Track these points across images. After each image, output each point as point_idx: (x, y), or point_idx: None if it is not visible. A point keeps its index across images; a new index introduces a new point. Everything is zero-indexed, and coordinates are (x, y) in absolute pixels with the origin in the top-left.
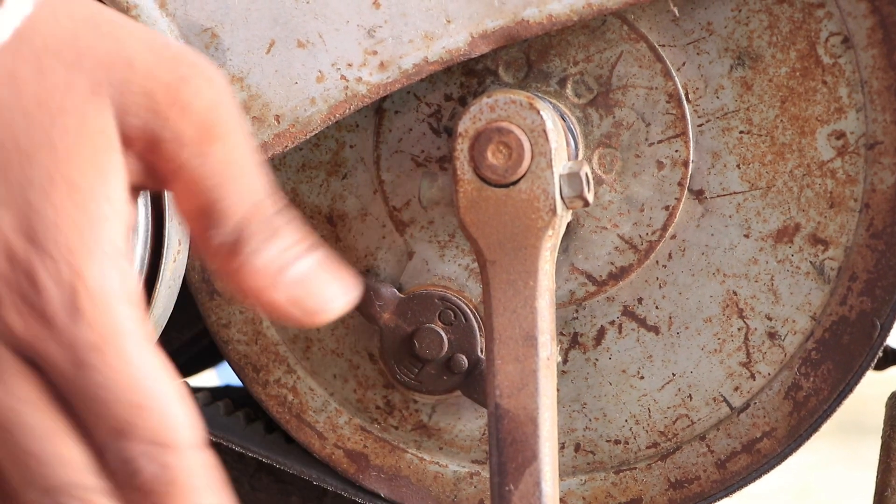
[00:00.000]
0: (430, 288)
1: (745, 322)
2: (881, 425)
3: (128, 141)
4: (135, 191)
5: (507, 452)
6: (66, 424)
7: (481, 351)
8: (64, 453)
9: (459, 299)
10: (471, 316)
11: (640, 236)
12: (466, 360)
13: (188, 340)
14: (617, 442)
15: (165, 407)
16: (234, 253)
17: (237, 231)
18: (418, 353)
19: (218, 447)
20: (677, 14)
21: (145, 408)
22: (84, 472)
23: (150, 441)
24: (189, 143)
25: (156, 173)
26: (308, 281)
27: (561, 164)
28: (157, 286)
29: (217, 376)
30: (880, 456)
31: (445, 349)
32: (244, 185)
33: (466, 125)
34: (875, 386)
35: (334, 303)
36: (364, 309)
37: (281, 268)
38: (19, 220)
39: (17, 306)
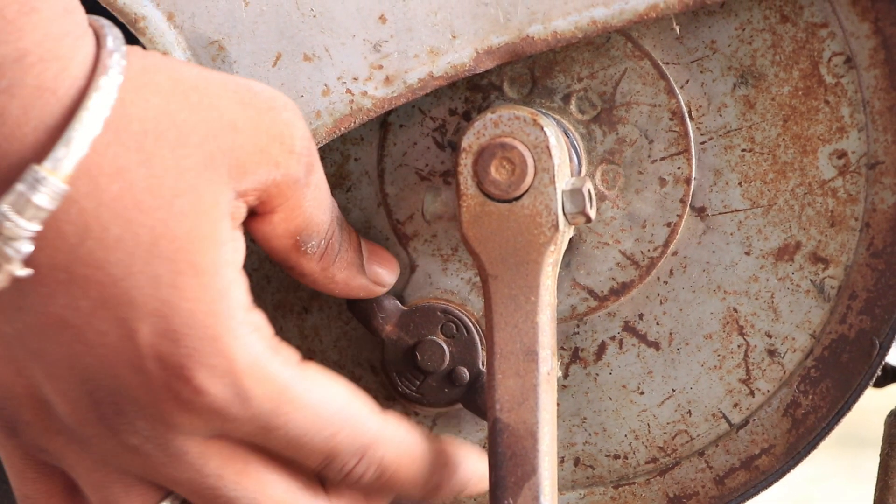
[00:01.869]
0: (432, 301)
1: (745, 339)
2: (880, 439)
3: (243, 195)
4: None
5: (507, 466)
6: (272, 467)
7: (483, 364)
8: None
9: (461, 312)
10: (472, 329)
11: (642, 252)
12: (468, 373)
13: None
14: (616, 457)
15: (355, 416)
16: (324, 257)
17: (325, 240)
18: (420, 366)
19: None
20: (679, 33)
21: (341, 430)
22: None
23: (359, 450)
24: (300, 180)
25: (261, 208)
26: (376, 262)
27: (564, 180)
28: None
29: None
30: (878, 473)
31: (447, 362)
32: (327, 203)
33: (470, 140)
34: (875, 399)
35: (394, 273)
36: (367, 321)
37: (357, 260)
38: (158, 326)
39: (184, 408)
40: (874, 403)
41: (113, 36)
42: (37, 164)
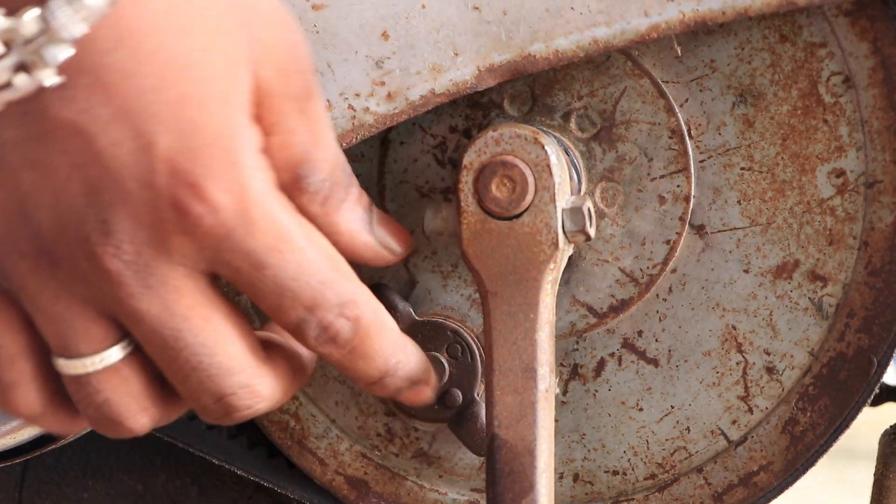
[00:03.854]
0: (445, 319)
1: (743, 356)
2: (871, 451)
3: (250, 90)
4: None
5: (505, 483)
6: (231, 324)
7: (479, 394)
8: (227, 362)
9: (471, 338)
10: (477, 356)
11: (641, 270)
12: (461, 397)
13: None
14: (615, 473)
15: (341, 273)
16: (327, 200)
17: (328, 181)
18: None
19: (218, 468)
20: (680, 52)
21: (328, 281)
22: (245, 370)
23: (340, 304)
24: (296, 97)
25: (258, 123)
26: (385, 227)
27: (564, 198)
28: None
29: None
30: (872, 493)
31: (444, 381)
32: (330, 140)
33: (472, 158)
34: (867, 413)
35: (405, 243)
36: None
37: (365, 216)
38: (178, 141)
39: (188, 229)
40: (866, 418)
41: None
42: None
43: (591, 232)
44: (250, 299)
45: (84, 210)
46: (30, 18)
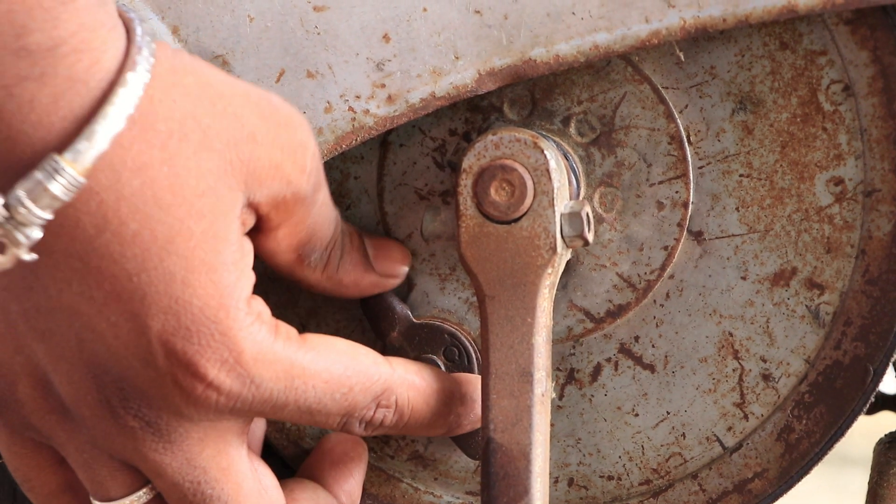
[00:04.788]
0: (443, 322)
1: (739, 363)
2: (866, 458)
3: (254, 205)
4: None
5: (499, 486)
6: (253, 473)
7: None
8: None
9: (468, 341)
10: (473, 360)
11: (639, 275)
12: None
13: None
14: (610, 478)
15: (363, 370)
16: (327, 267)
17: (327, 251)
18: None
19: None
20: (682, 58)
21: (352, 387)
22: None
23: (373, 399)
24: (307, 198)
25: (267, 223)
26: (383, 257)
27: (563, 202)
28: None
29: None
30: (867, 501)
31: None
32: (333, 216)
33: (471, 161)
34: (862, 420)
35: (405, 263)
36: (376, 322)
37: (363, 261)
38: (169, 322)
39: (199, 403)
40: (861, 425)
41: (142, 30)
42: (57, 154)
43: (590, 237)
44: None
45: (100, 378)
46: None
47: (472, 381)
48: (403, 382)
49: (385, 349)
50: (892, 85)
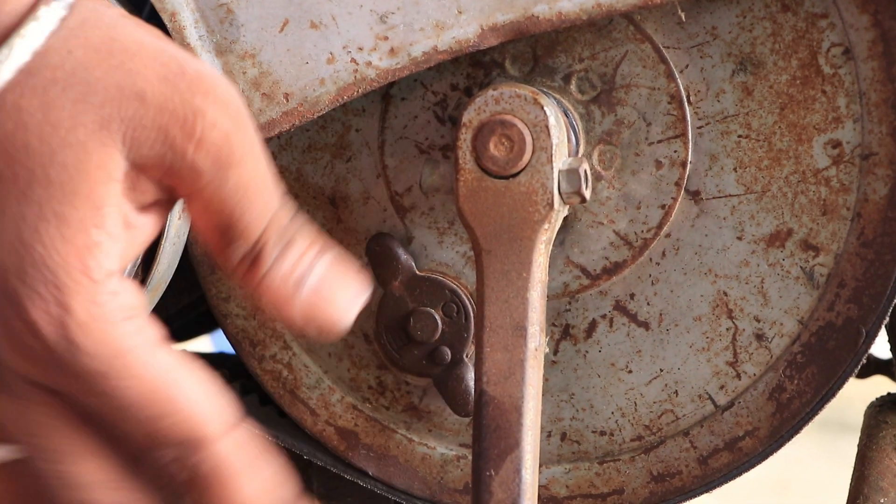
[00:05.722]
0: (445, 277)
1: (733, 322)
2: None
3: (142, 168)
4: (158, 205)
5: (490, 438)
6: (89, 443)
7: (467, 355)
8: (83, 478)
9: (467, 298)
10: (471, 318)
11: (636, 233)
12: (450, 356)
13: (185, 306)
14: (602, 433)
15: (185, 406)
16: (253, 268)
17: (256, 247)
18: (410, 332)
19: None
20: (684, 18)
21: (166, 415)
22: (104, 492)
23: (179, 444)
24: (206, 173)
25: (174, 193)
26: (320, 296)
27: (561, 159)
28: (162, 243)
29: (211, 343)
30: (855, 464)
31: (436, 338)
32: (260, 203)
33: (471, 116)
34: (861, 386)
35: (344, 317)
36: (378, 268)
37: (296, 283)
38: (11, 259)
39: (15, 345)
40: (858, 391)
41: None
42: None
43: (587, 194)
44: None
45: None
46: None
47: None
48: (219, 456)
49: (384, 297)
50: (891, 49)
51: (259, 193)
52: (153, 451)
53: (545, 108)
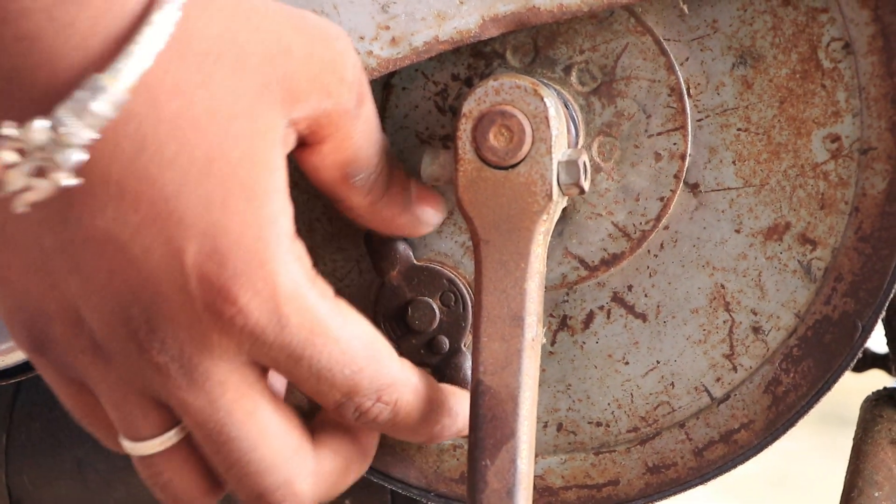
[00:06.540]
0: (443, 267)
1: (730, 315)
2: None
3: (294, 123)
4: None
5: (486, 428)
6: (278, 417)
7: (465, 345)
8: (268, 457)
9: (465, 288)
10: (469, 307)
11: (634, 225)
12: (448, 346)
13: None
14: (598, 424)
15: (378, 359)
16: (372, 192)
17: (372, 175)
18: (408, 321)
19: None
20: (686, 10)
21: (363, 369)
22: (286, 466)
23: (377, 390)
24: (351, 109)
25: (311, 137)
26: (423, 201)
27: (560, 150)
28: None
29: None
30: (850, 457)
31: (434, 328)
32: (377, 137)
33: (471, 106)
34: (857, 381)
35: (441, 214)
36: (377, 259)
37: (403, 198)
38: (205, 246)
39: (225, 330)
40: (856, 385)
41: None
42: (98, 73)
43: (586, 185)
44: (292, 383)
45: (129, 310)
46: (39, 127)
47: (459, 395)
48: (408, 384)
49: (382, 287)
50: (891, 44)
51: (377, 127)
52: (353, 399)
53: (545, 100)
